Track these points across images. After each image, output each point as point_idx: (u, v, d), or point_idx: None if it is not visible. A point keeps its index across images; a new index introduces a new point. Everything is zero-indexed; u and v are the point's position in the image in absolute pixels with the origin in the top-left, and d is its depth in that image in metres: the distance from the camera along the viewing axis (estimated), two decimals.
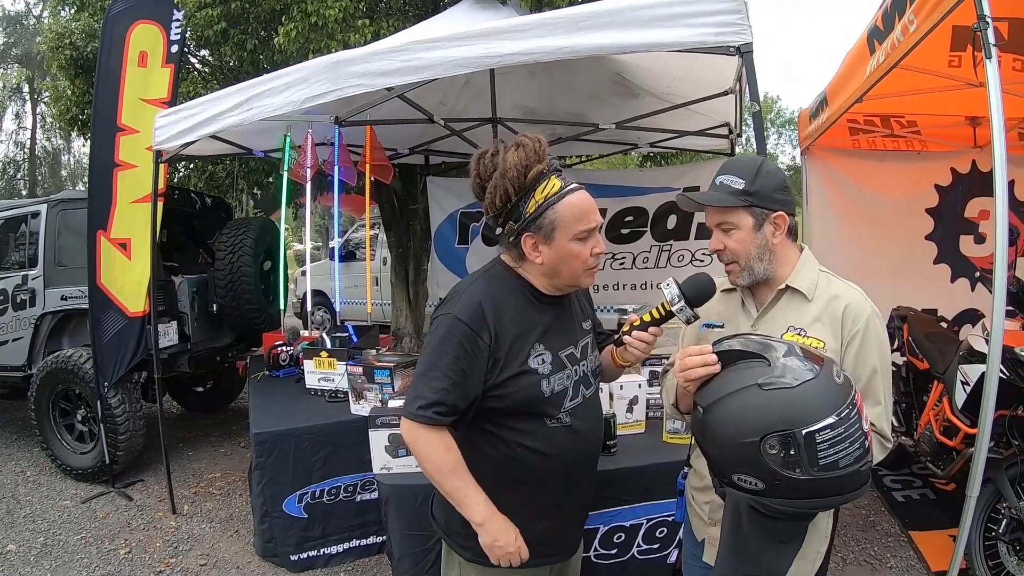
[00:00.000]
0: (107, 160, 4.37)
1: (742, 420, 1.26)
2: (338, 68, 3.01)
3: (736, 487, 1.29)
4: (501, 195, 1.58)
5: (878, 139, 4.75)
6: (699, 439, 1.39)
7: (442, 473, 1.59)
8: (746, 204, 1.54)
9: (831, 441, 1.19)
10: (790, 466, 1.20)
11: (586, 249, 1.61)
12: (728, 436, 1.28)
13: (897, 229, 4.67)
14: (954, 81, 3.36)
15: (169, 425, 5.03)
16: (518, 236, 1.61)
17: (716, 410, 1.32)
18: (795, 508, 1.25)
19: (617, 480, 2.54)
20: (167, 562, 3.54)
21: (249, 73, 4.94)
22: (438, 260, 6.35)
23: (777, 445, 1.20)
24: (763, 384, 1.25)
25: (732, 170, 1.58)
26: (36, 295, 4.98)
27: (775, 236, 1.57)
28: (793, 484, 1.21)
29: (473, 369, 1.57)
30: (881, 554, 3.37)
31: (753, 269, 1.57)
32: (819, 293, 1.57)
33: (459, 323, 1.58)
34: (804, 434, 1.19)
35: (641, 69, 4.16)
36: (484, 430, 1.66)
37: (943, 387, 3.44)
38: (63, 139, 23.51)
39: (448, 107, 4.65)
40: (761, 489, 1.25)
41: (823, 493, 1.23)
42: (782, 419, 1.21)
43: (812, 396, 1.22)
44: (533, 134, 1.62)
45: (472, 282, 1.70)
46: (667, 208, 5.68)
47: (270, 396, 3.89)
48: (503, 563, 1.62)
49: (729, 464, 1.29)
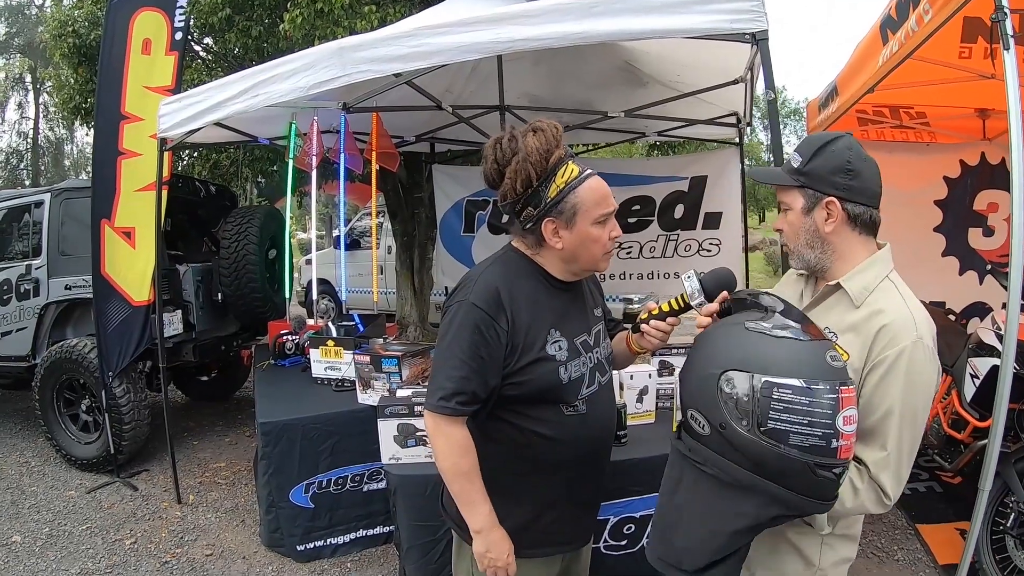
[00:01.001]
0: (111, 148, 4.34)
1: (714, 351, 1.25)
2: (345, 54, 2.98)
3: (688, 429, 1.26)
4: (523, 180, 1.55)
5: (887, 130, 4.72)
6: (681, 375, 1.36)
7: (455, 474, 1.60)
8: (797, 184, 1.44)
9: (788, 406, 1.12)
10: (738, 414, 1.15)
11: (605, 233, 1.60)
12: (696, 365, 1.27)
13: (905, 221, 4.63)
14: (964, 72, 3.34)
15: (174, 414, 5.04)
16: (537, 222, 1.59)
17: (699, 340, 1.32)
18: (728, 473, 1.18)
19: (627, 471, 2.52)
20: (173, 552, 3.54)
21: (254, 60, 4.92)
22: (443, 248, 6.35)
23: (734, 384, 1.16)
24: (748, 325, 1.22)
25: (801, 145, 1.48)
26: (40, 285, 4.96)
27: (827, 224, 1.43)
28: (735, 439, 1.16)
29: (492, 356, 1.56)
30: (888, 547, 3.36)
31: (803, 256, 1.48)
32: (869, 301, 1.40)
33: (476, 309, 1.56)
34: (763, 381, 1.14)
35: (650, 57, 4.13)
36: (498, 418, 1.64)
37: (951, 380, 3.43)
38: (66, 128, 23.51)
39: (455, 94, 4.62)
40: (706, 436, 1.21)
41: (763, 470, 1.15)
42: (749, 358, 1.18)
43: (789, 352, 1.18)
44: (548, 120, 1.61)
45: (486, 268, 1.68)
46: (674, 197, 5.67)
47: (276, 385, 3.87)
48: (489, 574, 1.63)
49: (688, 397, 1.27)
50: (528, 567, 1.71)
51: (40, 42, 15.21)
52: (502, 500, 1.65)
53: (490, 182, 1.64)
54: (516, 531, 1.66)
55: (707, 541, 1.26)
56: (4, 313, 5.14)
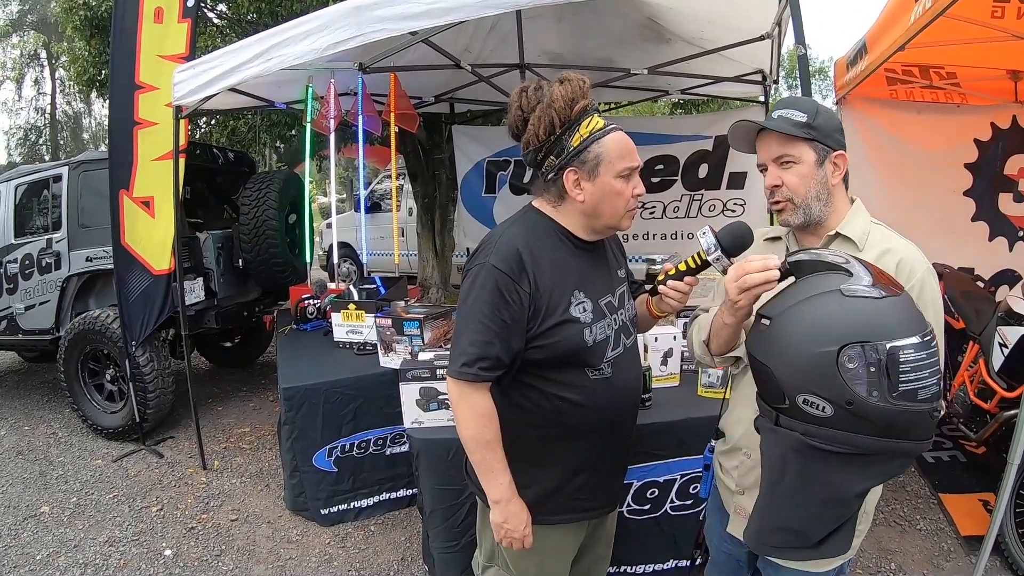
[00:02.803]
0: (127, 119, 4.31)
1: (819, 325, 1.15)
2: (361, 13, 2.91)
3: (799, 415, 1.17)
4: (546, 126, 1.51)
5: (916, 90, 4.57)
6: (762, 358, 1.24)
7: (477, 443, 1.58)
8: (809, 137, 1.45)
9: (914, 364, 1.09)
10: (867, 387, 1.09)
11: (628, 188, 1.56)
12: (801, 346, 1.16)
13: (934, 183, 4.53)
14: (997, 32, 3.24)
15: (198, 381, 5.10)
16: (559, 172, 1.55)
17: (789, 317, 1.20)
18: (859, 445, 1.13)
19: (651, 434, 2.50)
20: (199, 518, 3.59)
21: (268, 25, 4.83)
22: (465, 210, 6.29)
23: (856, 359, 1.09)
24: (846, 291, 1.14)
25: (791, 105, 1.49)
26: (61, 258, 4.99)
27: (834, 176, 1.49)
28: (866, 411, 1.10)
29: (514, 319, 1.52)
30: (911, 515, 3.33)
31: (810, 208, 1.48)
32: (871, 243, 1.47)
33: (496, 271, 1.52)
34: (888, 348, 1.08)
35: (673, 12, 4.01)
36: (522, 383, 1.62)
37: (979, 348, 3.36)
38: (83, 102, 23.56)
39: (474, 54, 4.52)
40: (827, 417, 1.13)
41: (893, 432, 1.12)
42: (865, 328, 1.10)
43: (898, 311, 1.13)
44: (575, 72, 1.56)
45: (507, 228, 1.63)
46: (698, 157, 5.56)
47: (298, 350, 3.89)
48: (505, 544, 1.63)
49: (797, 381, 1.17)
50: (554, 534, 1.70)
51: (52, 17, 15.17)
52: (527, 466, 1.64)
53: (514, 132, 1.60)
54: (542, 498, 1.65)
55: (827, 512, 1.23)
56: (27, 287, 5.19)
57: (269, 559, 3.19)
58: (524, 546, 1.62)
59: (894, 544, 3.10)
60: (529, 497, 1.63)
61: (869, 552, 3.03)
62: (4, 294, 5.32)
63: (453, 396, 1.59)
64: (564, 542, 1.75)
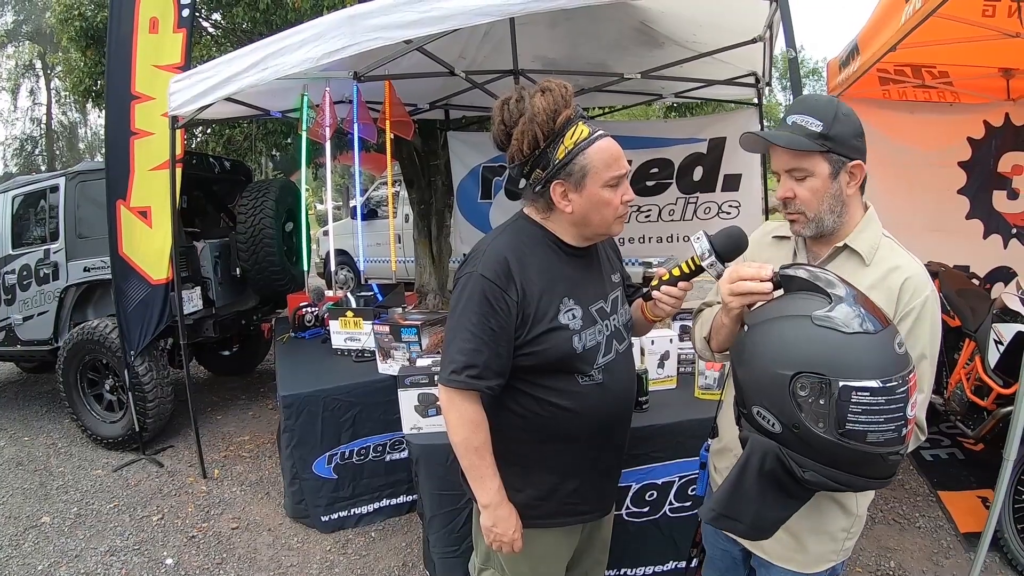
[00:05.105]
0: (123, 129, 4.32)
1: (783, 348, 1.17)
2: (355, 22, 2.93)
3: (753, 423, 1.21)
4: (529, 141, 1.51)
5: (909, 89, 4.60)
6: (734, 361, 1.30)
7: (466, 448, 1.59)
8: (824, 149, 1.39)
9: (866, 407, 1.09)
10: (814, 417, 1.11)
11: (617, 196, 1.56)
12: (763, 362, 1.19)
13: (929, 182, 4.55)
14: (988, 31, 3.27)
15: (197, 390, 5.11)
16: (546, 185, 1.55)
17: (760, 332, 1.23)
18: (801, 468, 1.16)
19: (649, 437, 2.51)
20: (200, 527, 3.60)
21: (263, 34, 4.85)
22: (461, 216, 6.31)
23: (808, 387, 1.11)
24: (816, 319, 1.15)
25: (807, 109, 1.42)
26: (59, 268, 4.99)
27: (849, 187, 1.43)
28: (811, 439, 1.13)
29: (502, 327, 1.53)
30: (910, 513, 3.35)
31: (822, 221, 1.44)
32: (878, 259, 1.43)
33: (484, 280, 1.53)
34: (841, 386, 1.09)
35: (666, 16, 4.03)
36: (515, 389, 1.62)
37: (975, 345, 3.38)
38: (79, 112, 23.60)
39: (468, 60, 4.54)
40: (777, 433, 1.17)
41: (838, 464, 1.14)
42: (824, 361, 1.11)
43: (863, 351, 1.12)
44: (558, 80, 1.56)
45: (495, 237, 1.64)
46: (693, 160, 5.58)
47: (296, 358, 3.89)
48: (495, 548, 1.64)
49: (754, 393, 1.21)
50: (548, 537, 1.71)
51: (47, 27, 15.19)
52: (521, 470, 1.65)
53: (498, 144, 1.60)
54: (536, 501, 1.66)
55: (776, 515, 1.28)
56: (25, 298, 5.19)
57: (270, 567, 3.19)
58: (514, 550, 1.62)
59: (893, 542, 3.11)
60: (522, 500, 1.64)
61: (868, 550, 3.04)
62: (2, 305, 5.32)
63: (443, 403, 1.60)
64: (557, 545, 1.76)
